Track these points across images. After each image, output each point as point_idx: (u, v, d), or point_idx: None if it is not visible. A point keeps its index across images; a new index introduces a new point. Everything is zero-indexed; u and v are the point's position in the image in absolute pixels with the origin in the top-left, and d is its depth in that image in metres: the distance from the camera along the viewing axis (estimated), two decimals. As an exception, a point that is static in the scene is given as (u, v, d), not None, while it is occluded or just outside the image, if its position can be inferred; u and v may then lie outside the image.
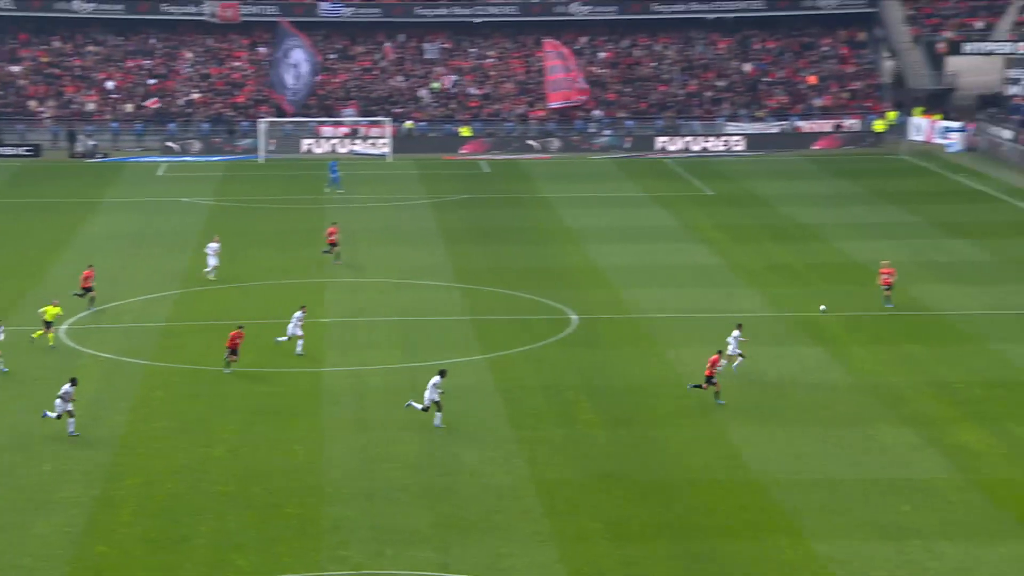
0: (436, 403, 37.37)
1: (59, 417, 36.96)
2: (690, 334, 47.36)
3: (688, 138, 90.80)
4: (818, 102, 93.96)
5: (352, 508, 32.74)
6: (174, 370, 43.71)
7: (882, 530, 31.06)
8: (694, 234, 64.69)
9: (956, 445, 36.36)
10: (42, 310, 45.06)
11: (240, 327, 43.05)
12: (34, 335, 45.04)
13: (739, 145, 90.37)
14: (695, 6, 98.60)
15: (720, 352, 40.24)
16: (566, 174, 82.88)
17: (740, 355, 41.51)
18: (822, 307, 43.63)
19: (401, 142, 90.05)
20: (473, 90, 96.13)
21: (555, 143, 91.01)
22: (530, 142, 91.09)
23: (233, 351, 42.29)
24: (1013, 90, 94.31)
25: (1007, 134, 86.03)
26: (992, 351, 44.82)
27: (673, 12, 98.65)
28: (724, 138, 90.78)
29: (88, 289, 49.92)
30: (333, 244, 57.24)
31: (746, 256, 59.64)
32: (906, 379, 42.01)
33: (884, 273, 49.77)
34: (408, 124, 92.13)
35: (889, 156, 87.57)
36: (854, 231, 64.51)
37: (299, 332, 44.04)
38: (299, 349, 44.06)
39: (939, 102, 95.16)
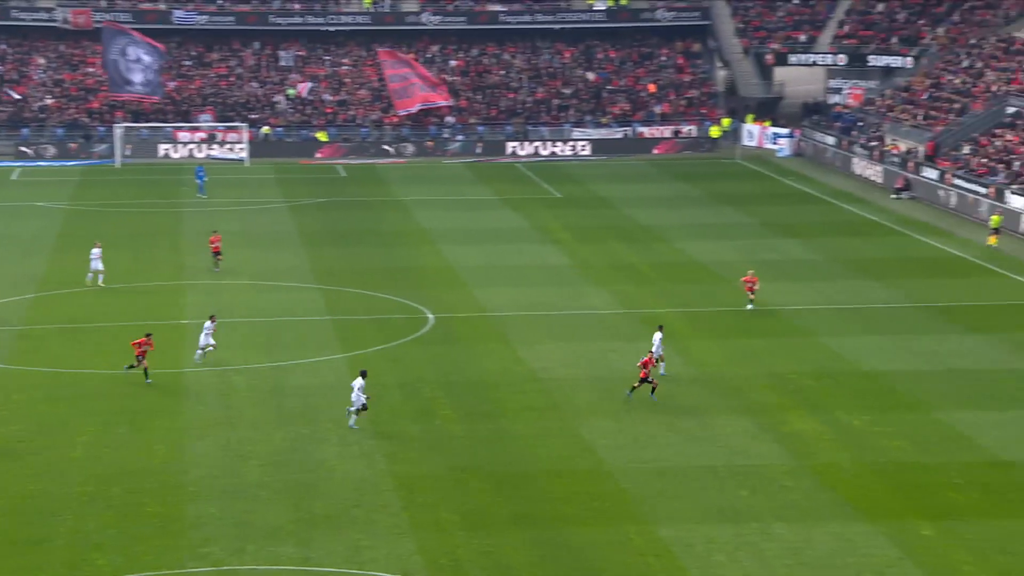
0: (364, 406, 36.83)
1: None
2: (541, 331, 47.76)
3: (537, 143, 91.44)
4: (658, 109, 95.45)
5: (214, 506, 32.20)
6: (32, 373, 42.40)
7: (722, 514, 31.71)
8: (544, 235, 65.20)
9: (789, 432, 37.33)
10: None
11: (148, 335, 41.22)
12: None
13: (585, 150, 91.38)
14: (540, 17, 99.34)
15: (651, 354, 40.10)
16: (421, 178, 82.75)
17: (660, 358, 41.16)
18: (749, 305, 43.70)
19: (258, 147, 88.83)
20: (328, 96, 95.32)
21: (409, 148, 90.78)
22: (385, 147, 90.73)
23: (141, 358, 40.45)
24: (834, 99, 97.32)
25: (830, 140, 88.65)
26: (821, 344, 46.11)
27: (520, 23, 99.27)
28: (571, 143, 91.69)
29: None
30: (217, 252, 55.51)
31: (593, 256, 60.34)
32: (743, 371, 42.96)
33: (747, 281, 49.97)
34: (265, 129, 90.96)
35: (725, 160, 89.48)
36: (693, 232, 65.76)
37: (211, 342, 42.39)
38: (198, 357, 42.50)
39: (768, 110, 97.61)
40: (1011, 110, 77.06)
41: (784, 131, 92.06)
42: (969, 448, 36.01)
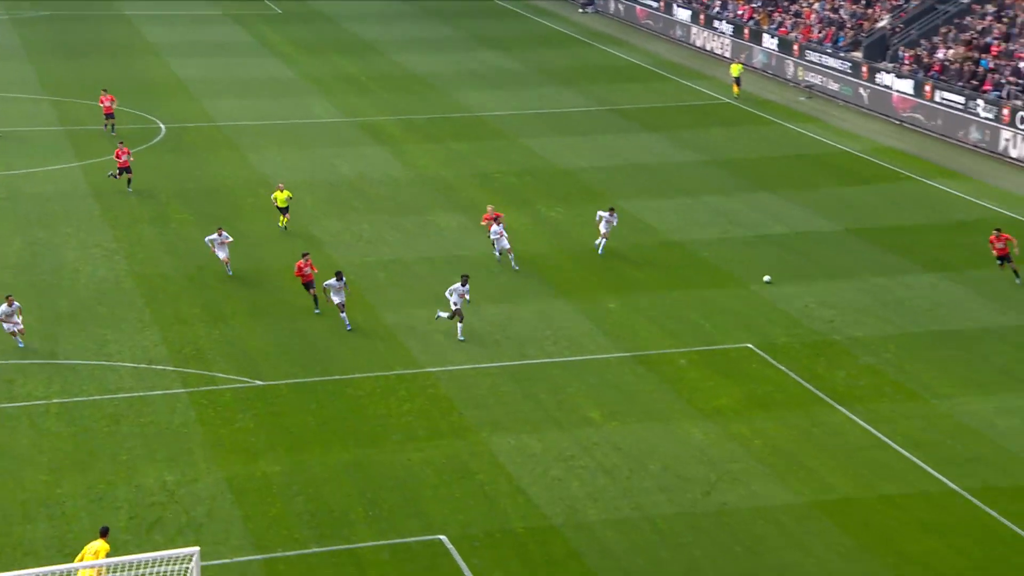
0: (459, 312, 29.70)
1: None
2: (269, 139, 46.68)
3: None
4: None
5: (-41, 310, 30.47)
6: None
7: (438, 299, 32.37)
8: (268, 48, 62.96)
9: (496, 225, 38.17)
10: (272, 196, 36.70)
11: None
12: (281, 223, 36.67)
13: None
14: None
15: (999, 231, 33.47)
16: (144, -8, 77.91)
17: (604, 237, 35.35)
18: (766, 278, 33.33)
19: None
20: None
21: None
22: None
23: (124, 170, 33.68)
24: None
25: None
26: (521, 144, 46.94)
27: None
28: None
29: None
30: (126, 168, 39.54)
31: (315, 68, 58.84)
32: (454, 172, 43.39)
33: (488, 219, 34.77)
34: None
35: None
36: (407, 45, 64.92)
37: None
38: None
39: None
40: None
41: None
42: (646, 231, 37.85)
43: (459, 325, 29.69)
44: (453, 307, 29.62)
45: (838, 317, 31.49)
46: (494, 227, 34.44)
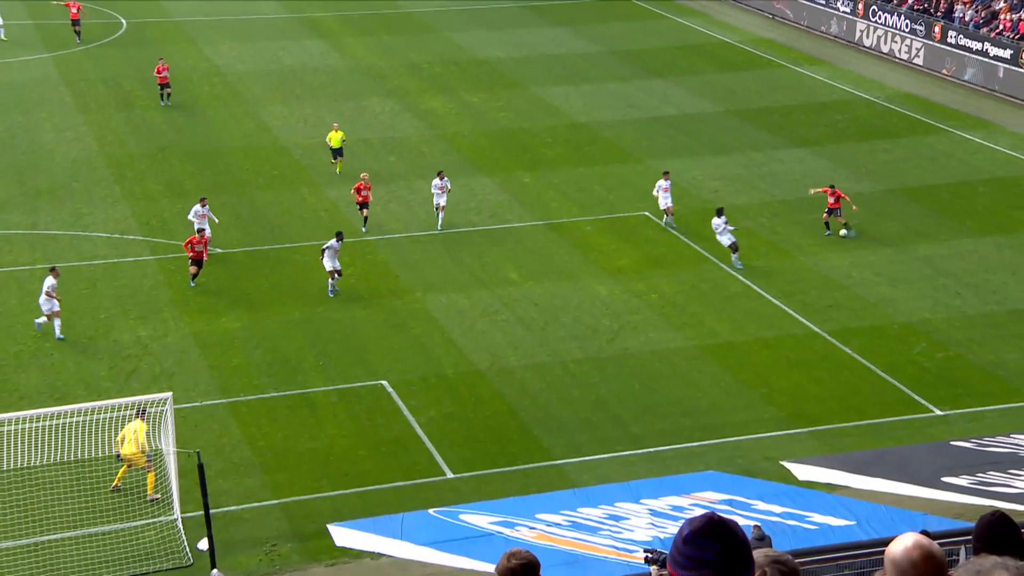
0: (734, 244, 26.34)
1: None
2: (221, 33, 44.53)
3: None
4: None
5: (-56, 189, 28.90)
6: None
7: (375, 176, 31.44)
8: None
9: (425, 109, 37.10)
10: (327, 138, 31.44)
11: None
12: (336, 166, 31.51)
13: None
14: None
15: (832, 186, 28.22)
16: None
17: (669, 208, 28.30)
18: (844, 232, 27.64)
19: None
20: None
21: None
22: None
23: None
24: None
25: None
26: (446, 37, 45.42)
27: None
28: None
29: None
30: (165, 84, 35.98)
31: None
32: (387, 62, 41.90)
33: (358, 190, 27.64)
34: None
35: None
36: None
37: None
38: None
39: None
40: None
41: None
42: (556, 115, 37.07)
43: (734, 255, 26.02)
44: (730, 243, 26.18)
45: (722, 187, 31.32)
46: (435, 180, 27.94)
